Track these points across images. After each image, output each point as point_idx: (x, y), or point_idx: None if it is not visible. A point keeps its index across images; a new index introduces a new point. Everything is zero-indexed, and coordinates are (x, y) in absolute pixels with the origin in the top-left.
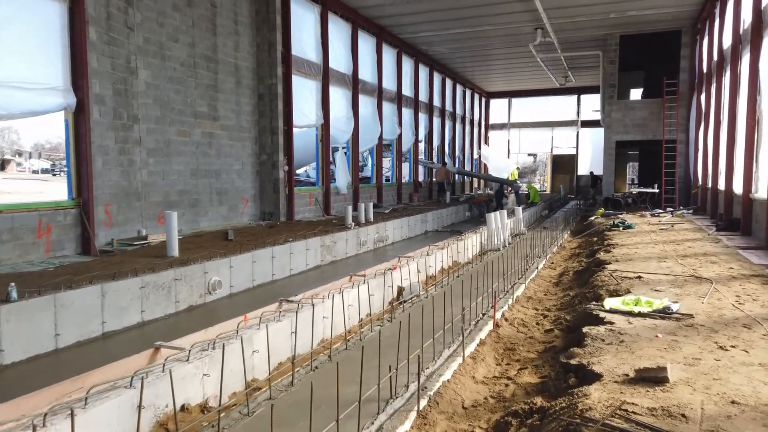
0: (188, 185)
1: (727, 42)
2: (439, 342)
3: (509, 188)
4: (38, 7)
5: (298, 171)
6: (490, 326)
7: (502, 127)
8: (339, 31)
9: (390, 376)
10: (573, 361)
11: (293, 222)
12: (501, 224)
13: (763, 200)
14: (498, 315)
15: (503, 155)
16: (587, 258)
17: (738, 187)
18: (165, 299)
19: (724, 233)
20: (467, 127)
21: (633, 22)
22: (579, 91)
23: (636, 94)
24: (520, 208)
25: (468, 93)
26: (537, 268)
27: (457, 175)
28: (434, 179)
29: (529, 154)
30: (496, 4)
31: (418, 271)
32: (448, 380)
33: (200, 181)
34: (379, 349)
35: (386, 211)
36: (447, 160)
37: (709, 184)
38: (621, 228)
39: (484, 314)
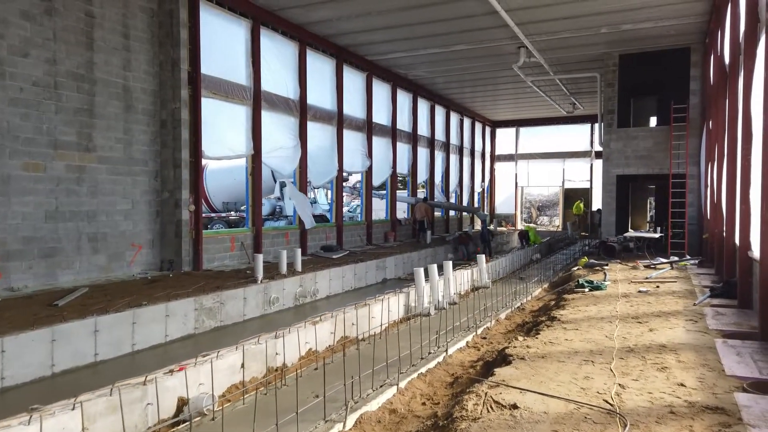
0: (41, 231)
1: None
2: None
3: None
4: None
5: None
6: None
7: (509, 158)
8: (280, 50)
9: None
10: None
11: (197, 273)
12: (444, 279)
13: (758, 260)
14: None
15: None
16: (525, 335)
17: (737, 239)
18: None
19: (718, 302)
20: (466, 159)
21: (632, 38)
22: (592, 119)
23: (654, 122)
24: (483, 256)
25: (467, 122)
26: (447, 351)
27: (452, 211)
28: (416, 217)
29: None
30: (462, 18)
31: (242, 367)
32: None
33: (61, 225)
34: None
35: (335, 256)
36: (440, 195)
37: (717, 230)
38: (587, 289)
39: None
